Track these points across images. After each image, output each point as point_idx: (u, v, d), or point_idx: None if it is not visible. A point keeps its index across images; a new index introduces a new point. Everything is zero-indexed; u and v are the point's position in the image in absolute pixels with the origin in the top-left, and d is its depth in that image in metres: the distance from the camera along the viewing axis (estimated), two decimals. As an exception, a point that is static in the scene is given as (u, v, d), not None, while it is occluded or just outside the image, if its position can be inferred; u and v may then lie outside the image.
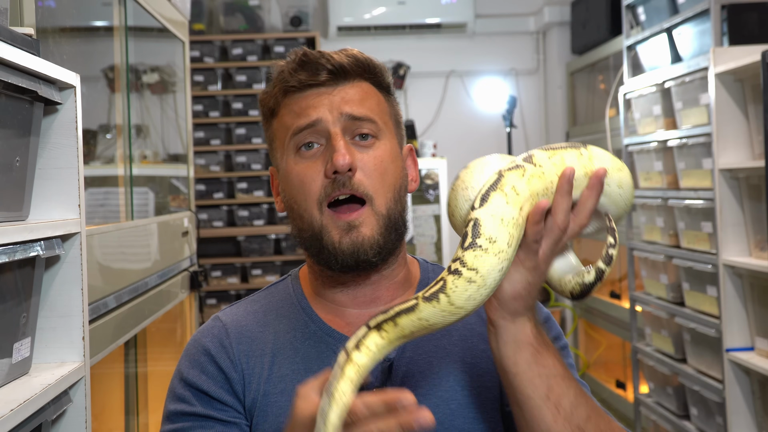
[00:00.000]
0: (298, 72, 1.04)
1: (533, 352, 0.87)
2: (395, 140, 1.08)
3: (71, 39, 2.08)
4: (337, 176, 1.00)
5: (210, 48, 4.53)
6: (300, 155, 1.04)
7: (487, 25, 5.00)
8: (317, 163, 1.02)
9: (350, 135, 1.03)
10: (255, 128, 4.52)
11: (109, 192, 2.42)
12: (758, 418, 2.64)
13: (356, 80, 1.06)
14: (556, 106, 4.92)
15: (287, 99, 1.06)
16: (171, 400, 1.06)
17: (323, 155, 1.02)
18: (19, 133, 1.33)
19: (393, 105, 1.11)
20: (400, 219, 1.05)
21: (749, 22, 2.69)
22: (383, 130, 1.06)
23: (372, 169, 1.02)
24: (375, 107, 1.06)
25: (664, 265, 3.14)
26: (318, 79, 1.03)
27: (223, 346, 1.06)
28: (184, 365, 1.07)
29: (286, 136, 1.05)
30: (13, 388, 1.29)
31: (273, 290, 1.15)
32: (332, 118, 1.02)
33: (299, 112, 1.04)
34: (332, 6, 4.78)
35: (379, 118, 1.06)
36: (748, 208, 2.64)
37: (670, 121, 3.08)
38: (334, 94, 1.04)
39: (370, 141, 1.04)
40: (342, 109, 1.03)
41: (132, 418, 2.48)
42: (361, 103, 1.04)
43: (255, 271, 4.44)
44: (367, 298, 1.08)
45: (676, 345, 3.09)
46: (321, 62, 1.03)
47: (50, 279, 1.45)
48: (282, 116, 1.07)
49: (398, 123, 1.12)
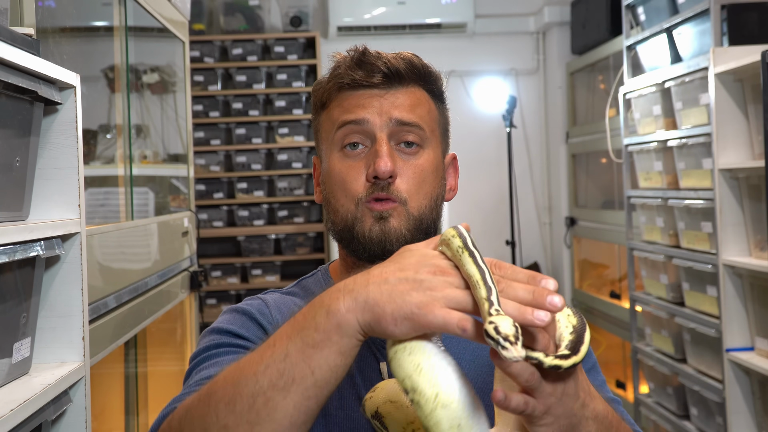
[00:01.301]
0: (354, 70, 1.05)
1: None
2: (439, 149, 1.10)
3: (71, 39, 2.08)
4: (377, 181, 1.02)
5: (210, 48, 4.53)
6: (344, 153, 1.05)
7: (487, 25, 5.00)
8: (360, 164, 1.04)
9: (396, 141, 1.04)
10: (255, 128, 4.52)
11: (109, 192, 2.42)
12: (758, 418, 2.64)
13: (410, 86, 1.07)
14: (556, 106, 4.92)
15: (339, 94, 1.07)
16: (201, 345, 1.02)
17: (366, 157, 1.03)
18: (19, 133, 1.33)
19: (443, 113, 1.13)
20: (432, 225, 1.06)
21: (749, 22, 2.69)
22: (429, 138, 1.07)
23: (411, 177, 1.04)
24: (425, 115, 1.07)
25: (664, 265, 3.14)
26: (372, 80, 1.05)
27: (263, 313, 1.05)
28: (221, 321, 1.04)
29: (332, 129, 1.06)
30: (13, 388, 1.29)
31: (304, 283, 1.16)
32: (380, 121, 1.03)
33: (348, 109, 1.05)
34: (332, 6, 4.78)
35: (427, 126, 1.07)
36: (748, 208, 2.64)
37: (670, 121, 3.08)
38: (385, 97, 1.05)
39: (414, 149, 1.05)
40: (391, 114, 1.04)
41: (132, 418, 2.48)
42: (411, 109, 1.05)
43: (255, 271, 4.44)
44: None
45: (676, 345, 3.09)
46: (377, 64, 1.04)
47: (50, 279, 1.45)
48: (331, 110, 1.08)
49: (446, 131, 1.14)
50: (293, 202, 4.52)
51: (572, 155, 4.75)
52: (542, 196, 5.08)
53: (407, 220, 1.03)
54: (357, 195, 1.03)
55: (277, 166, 4.52)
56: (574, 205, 4.75)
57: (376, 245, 1.02)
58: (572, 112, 4.78)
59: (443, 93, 1.13)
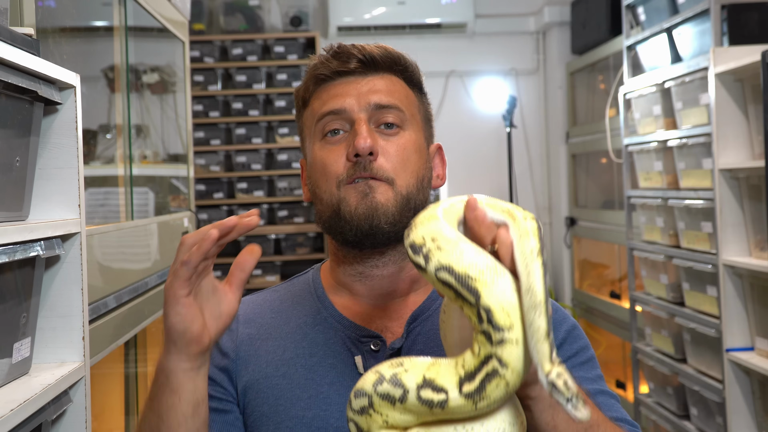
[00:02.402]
0: (329, 61, 1.07)
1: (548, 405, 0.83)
2: (422, 134, 1.09)
3: (71, 39, 2.08)
4: (359, 159, 1.01)
5: (210, 48, 4.53)
6: (325, 141, 1.06)
7: (487, 25, 5.00)
8: (341, 148, 1.04)
9: (375, 123, 1.05)
10: (255, 128, 4.52)
11: (109, 192, 2.42)
12: (758, 418, 2.64)
13: (386, 73, 1.08)
14: (556, 106, 4.92)
15: (318, 88, 1.08)
16: None
17: (347, 140, 1.04)
18: (19, 133, 1.33)
19: (423, 102, 1.13)
20: (421, 207, 1.05)
21: (749, 22, 2.69)
22: (409, 120, 1.07)
23: (393, 155, 1.03)
24: (403, 99, 1.07)
25: (664, 265, 3.14)
26: (348, 66, 1.06)
27: (230, 330, 1.08)
28: None
29: (313, 122, 1.07)
30: (13, 388, 1.29)
31: (295, 281, 1.18)
32: (358, 106, 1.04)
33: (327, 100, 1.06)
34: (332, 6, 4.78)
35: (406, 109, 1.07)
36: (748, 208, 2.64)
37: (670, 121, 3.08)
38: (362, 83, 1.06)
39: (394, 130, 1.05)
40: (369, 98, 1.04)
41: (132, 418, 2.48)
42: (388, 93, 1.06)
43: (255, 271, 4.44)
44: (384, 290, 1.08)
45: (676, 345, 3.09)
46: (352, 52, 1.06)
47: (50, 279, 1.45)
48: (312, 105, 1.09)
49: (427, 120, 1.13)
50: (293, 202, 4.52)
51: (572, 155, 4.75)
52: (542, 196, 5.08)
53: (394, 197, 1.02)
54: (338, 176, 1.03)
55: (277, 166, 4.52)
56: (574, 205, 4.75)
57: (364, 222, 1.01)
58: (572, 112, 4.78)
59: (421, 84, 1.13)
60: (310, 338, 1.06)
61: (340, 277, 1.10)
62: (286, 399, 1.02)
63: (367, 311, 1.08)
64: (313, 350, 1.05)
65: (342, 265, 1.10)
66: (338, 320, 1.07)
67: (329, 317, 1.08)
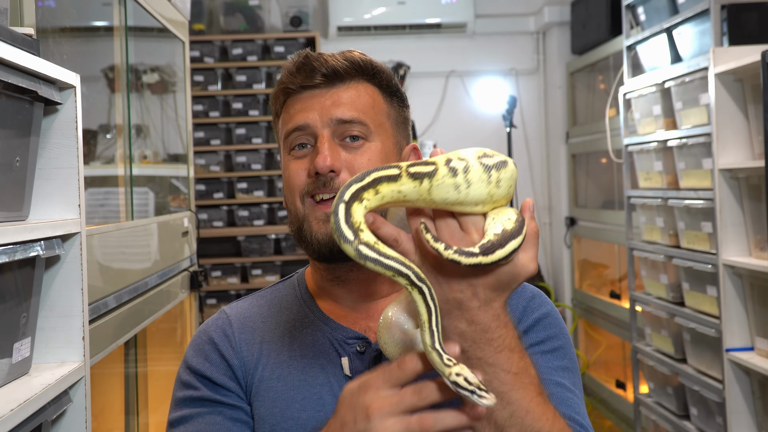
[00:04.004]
0: (295, 75, 1.08)
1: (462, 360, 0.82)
2: (391, 141, 1.09)
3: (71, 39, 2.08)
4: (319, 177, 1.03)
5: (210, 48, 4.53)
6: (292, 154, 1.08)
7: (487, 25, 5.00)
8: (305, 161, 1.06)
9: (339, 137, 1.06)
10: (255, 128, 4.52)
11: (109, 192, 2.42)
12: (758, 418, 2.64)
13: (352, 82, 1.08)
14: (556, 106, 4.92)
15: (288, 100, 1.10)
16: (178, 388, 1.10)
17: (311, 156, 1.06)
18: (19, 133, 1.33)
19: (394, 106, 1.12)
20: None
21: (749, 22, 2.69)
22: (374, 131, 1.07)
23: (358, 170, 1.04)
24: (368, 109, 1.07)
25: (664, 265, 3.14)
26: (312, 81, 1.07)
27: (226, 335, 1.10)
28: (190, 354, 1.11)
29: (282, 136, 1.10)
30: (13, 388, 1.29)
31: (280, 286, 1.19)
32: (321, 122, 1.05)
33: (293, 114, 1.08)
34: (332, 6, 4.78)
35: (371, 120, 1.07)
36: (748, 208, 2.64)
37: (670, 121, 3.08)
38: (326, 97, 1.07)
39: (359, 143, 1.06)
40: (331, 113, 1.05)
41: (132, 418, 2.48)
42: (351, 105, 1.06)
43: (255, 271, 4.44)
44: (363, 292, 1.10)
45: (676, 345, 3.09)
46: (315, 65, 1.06)
47: (50, 279, 1.45)
48: (282, 117, 1.11)
49: (401, 124, 1.13)
50: (293, 202, 4.52)
51: (572, 155, 4.75)
52: (542, 196, 5.08)
53: None
54: (300, 189, 1.05)
55: (277, 166, 4.52)
56: (574, 205, 4.75)
57: (324, 247, 1.04)
58: (572, 112, 4.78)
59: (392, 87, 1.12)
60: (299, 341, 1.08)
61: (320, 281, 1.13)
62: (282, 401, 1.04)
63: (350, 313, 1.10)
64: (303, 352, 1.07)
65: (318, 271, 1.12)
66: (324, 322, 1.09)
67: (316, 320, 1.10)
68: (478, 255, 0.77)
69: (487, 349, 0.83)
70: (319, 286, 1.13)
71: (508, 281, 0.82)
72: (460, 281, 0.81)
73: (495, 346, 0.83)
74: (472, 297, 0.82)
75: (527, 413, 0.84)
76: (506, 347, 0.84)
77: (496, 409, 0.83)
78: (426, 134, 4.93)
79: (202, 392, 1.06)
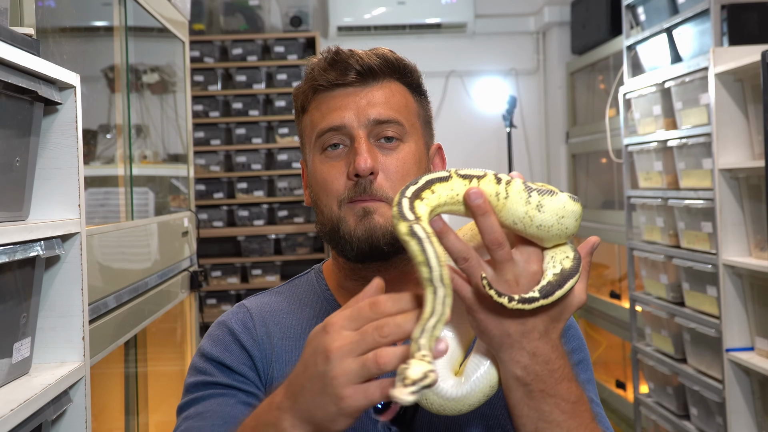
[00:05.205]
0: (327, 71, 1.06)
1: (524, 394, 0.84)
2: (422, 141, 1.09)
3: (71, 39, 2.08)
4: (359, 179, 1.02)
5: (210, 48, 4.53)
6: (326, 155, 1.06)
7: (487, 25, 5.00)
8: (341, 164, 1.04)
9: (375, 137, 1.05)
10: (255, 128, 4.52)
11: (109, 192, 2.42)
12: (758, 418, 2.64)
13: (385, 81, 1.07)
14: (556, 106, 4.92)
15: (316, 97, 1.08)
16: (191, 374, 1.06)
17: (347, 156, 1.04)
18: (19, 133, 1.33)
19: (423, 105, 1.12)
20: None
21: (749, 22, 2.69)
22: (409, 132, 1.07)
23: (393, 172, 1.04)
24: (402, 109, 1.07)
25: (664, 265, 3.14)
26: (346, 79, 1.05)
27: (247, 328, 1.08)
28: (206, 344, 1.08)
29: (313, 135, 1.07)
30: (13, 388, 1.29)
31: (297, 282, 1.17)
32: (357, 122, 1.04)
33: (326, 113, 1.05)
34: (332, 6, 4.78)
35: (405, 120, 1.07)
36: (748, 208, 2.64)
37: (670, 121, 3.08)
38: (361, 96, 1.05)
39: (394, 144, 1.05)
40: (367, 113, 1.04)
41: (132, 418, 2.48)
42: (387, 105, 1.05)
43: (255, 271, 4.44)
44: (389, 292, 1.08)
45: (676, 345, 3.09)
46: (350, 62, 1.05)
47: (50, 279, 1.45)
48: (310, 113, 1.08)
49: (427, 123, 1.13)
50: (293, 202, 4.52)
51: (572, 155, 4.75)
52: (542, 196, 5.07)
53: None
54: (339, 195, 1.04)
55: (277, 166, 4.52)
56: (574, 205, 4.74)
57: (364, 243, 1.02)
58: (572, 112, 4.78)
59: (421, 85, 1.12)
60: None
61: (343, 280, 1.11)
62: None
63: None
64: None
65: (344, 271, 1.10)
66: None
67: None
68: (539, 299, 0.80)
69: (549, 380, 0.83)
70: (341, 284, 1.11)
71: (561, 312, 0.84)
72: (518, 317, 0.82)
73: (556, 378, 0.84)
74: (533, 329, 0.82)
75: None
76: (565, 378, 0.84)
77: None
78: (426, 134, 4.93)
79: (217, 378, 1.03)
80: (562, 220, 0.81)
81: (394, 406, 0.73)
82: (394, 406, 0.72)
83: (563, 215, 0.81)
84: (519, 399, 0.84)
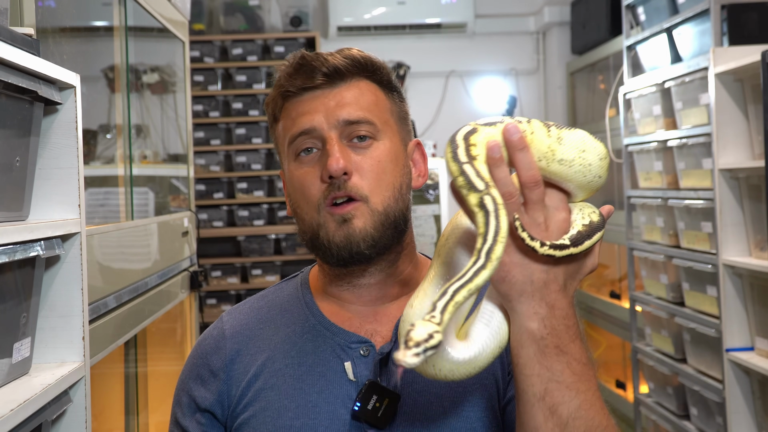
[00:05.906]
0: (294, 77, 1.05)
1: (537, 350, 0.82)
2: (397, 138, 1.08)
3: (71, 39, 2.08)
4: (333, 180, 1.01)
5: (210, 48, 4.53)
6: (299, 161, 1.05)
7: (487, 25, 5.00)
8: (315, 168, 1.03)
9: (347, 138, 1.04)
10: (255, 128, 4.52)
11: (109, 192, 2.42)
12: (758, 418, 2.64)
13: (353, 80, 1.06)
14: (556, 106, 4.92)
15: (287, 104, 1.07)
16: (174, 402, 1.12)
17: (320, 160, 1.03)
18: (19, 133, 1.33)
19: (395, 102, 1.11)
20: (401, 217, 1.05)
21: (749, 22, 2.69)
22: (382, 130, 1.06)
23: (368, 171, 1.03)
24: (373, 107, 1.06)
25: (664, 265, 3.14)
26: (314, 82, 1.04)
27: (219, 348, 1.10)
28: (185, 368, 1.12)
29: (285, 142, 1.07)
30: (13, 388, 1.29)
31: (283, 286, 1.17)
32: (327, 124, 1.03)
33: (296, 118, 1.05)
34: (332, 6, 4.78)
35: (377, 118, 1.05)
36: (748, 208, 2.64)
37: (670, 121, 3.08)
38: (329, 97, 1.04)
39: (367, 142, 1.04)
40: (337, 114, 1.03)
41: (132, 418, 2.48)
42: (356, 104, 1.04)
43: (255, 271, 4.44)
44: (373, 296, 1.08)
45: (676, 345, 3.09)
46: (315, 65, 1.04)
47: (50, 279, 1.45)
48: (282, 121, 1.08)
49: (403, 119, 1.11)
50: (293, 202, 4.52)
51: (572, 155, 4.74)
52: (542, 196, 5.08)
53: (371, 217, 1.02)
54: (316, 199, 1.03)
55: (277, 166, 4.52)
56: (574, 205, 4.74)
57: (343, 249, 1.01)
58: (572, 112, 4.78)
59: (392, 82, 1.11)
60: (298, 347, 1.06)
61: (327, 285, 1.11)
62: (274, 410, 1.02)
63: (356, 317, 1.08)
64: (301, 359, 1.05)
65: (328, 276, 1.10)
66: (326, 327, 1.07)
67: (317, 324, 1.08)
68: (569, 246, 0.81)
69: (564, 336, 0.82)
70: (325, 289, 1.11)
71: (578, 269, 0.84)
72: (544, 263, 0.82)
73: (570, 334, 0.83)
74: (554, 280, 0.82)
75: (591, 406, 0.83)
76: (578, 337, 0.84)
77: (564, 401, 0.82)
78: (426, 134, 4.93)
79: (184, 419, 1.08)
80: (584, 154, 0.83)
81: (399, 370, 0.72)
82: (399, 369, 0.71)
83: (584, 149, 0.83)
84: (531, 356, 0.82)
